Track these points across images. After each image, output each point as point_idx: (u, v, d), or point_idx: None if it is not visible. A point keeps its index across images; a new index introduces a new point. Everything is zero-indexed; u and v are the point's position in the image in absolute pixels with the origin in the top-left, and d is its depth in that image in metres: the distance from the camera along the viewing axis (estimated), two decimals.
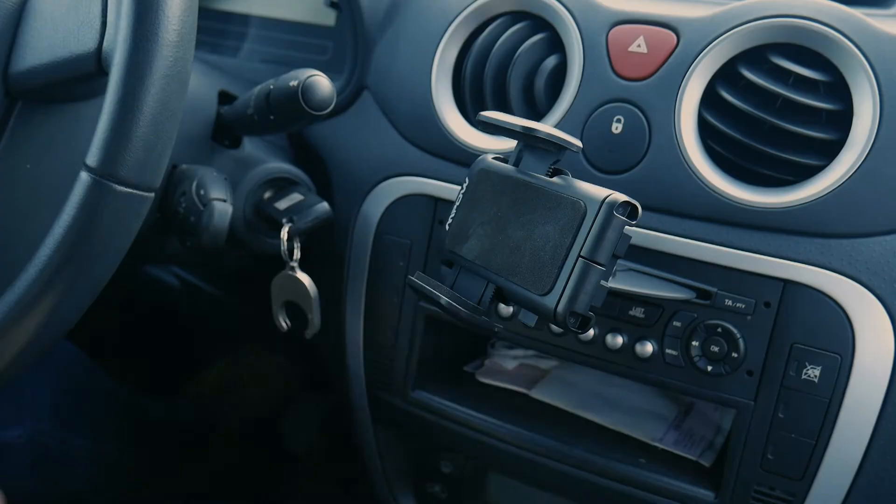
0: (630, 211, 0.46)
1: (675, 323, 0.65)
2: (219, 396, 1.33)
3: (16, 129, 0.59)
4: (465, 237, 0.53)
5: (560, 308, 0.46)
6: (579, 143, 0.50)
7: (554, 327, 0.69)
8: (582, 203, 0.46)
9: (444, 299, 0.50)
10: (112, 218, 0.50)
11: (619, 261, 0.51)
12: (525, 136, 0.50)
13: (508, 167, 0.52)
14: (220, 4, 0.95)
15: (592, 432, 0.74)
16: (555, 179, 0.49)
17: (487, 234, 0.51)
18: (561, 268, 0.46)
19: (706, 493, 0.67)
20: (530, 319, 0.49)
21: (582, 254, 0.46)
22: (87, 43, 0.54)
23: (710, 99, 0.64)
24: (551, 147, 0.50)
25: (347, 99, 0.81)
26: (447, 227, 0.54)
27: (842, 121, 0.60)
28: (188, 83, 0.52)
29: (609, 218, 0.46)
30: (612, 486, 0.70)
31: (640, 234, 0.65)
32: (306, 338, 0.77)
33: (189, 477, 1.18)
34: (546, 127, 0.50)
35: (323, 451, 1.34)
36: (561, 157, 0.50)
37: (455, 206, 0.54)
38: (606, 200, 0.46)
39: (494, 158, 0.54)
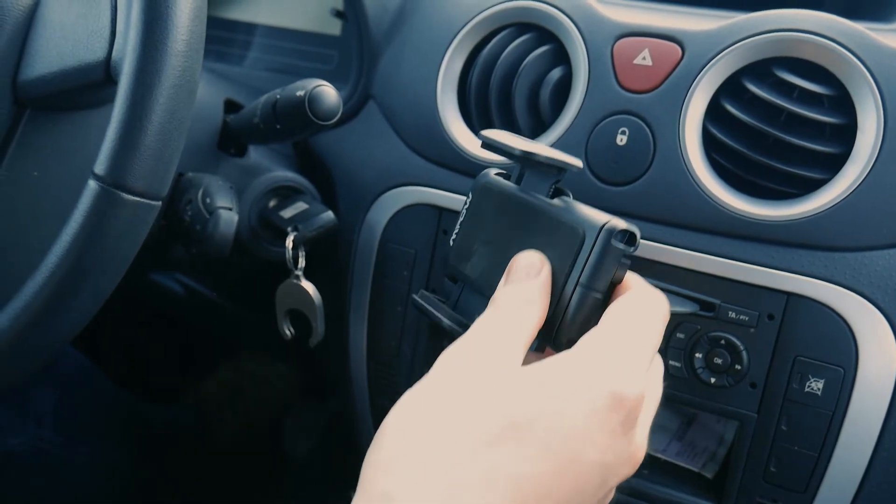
0: (628, 238, 0.46)
1: (678, 335, 0.65)
2: (221, 403, 1.33)
3: (24, 137, 0.59)
4: (468, 255, 0.53)
5: (559, 335, 0.47)
6: (580, 164, 0.50)
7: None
8: (580, 229, 0.46)
9: (445, 322, 0.51)
10: (119, 226, 0.50)
11: None
12: (524, 160, 0.50)
13: (510, 185, 0.52)
14: (227, 13, 0.96)
15: None
16: (555, 201, 0.49)
17: (489, 253, 0.51)
18: (560, 294, 0.46)
19: None
20: (532, 344, 0.50)
21: (580, 282, 0.46)
22: (96, 52, 0.54)
23: (714, 112, 0.64)
24: (552, 169, 0.50)
25: (353, 108, 0.82)
26: (451, 243, 0.54)
27: (846, 134, 0.61)
28: (196, 92, 0.52)
29: (607, 246, 0.45)
30: (615, 497, 0.70)
31: (643, 246, 0.65)
32: (310, 346, 0.77)
33: (191, 483, 1.18)
34: (545, 149, 0.50)
35: (324, 458, 1.34)
36: (562, 177, 0.50)
37: (458, 222, 0.54)
38: (604, 228, 0.45)
39: (497, 174, 0.54)
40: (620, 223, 0.46)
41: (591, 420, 0.40)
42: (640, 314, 0.44)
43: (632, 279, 0.47)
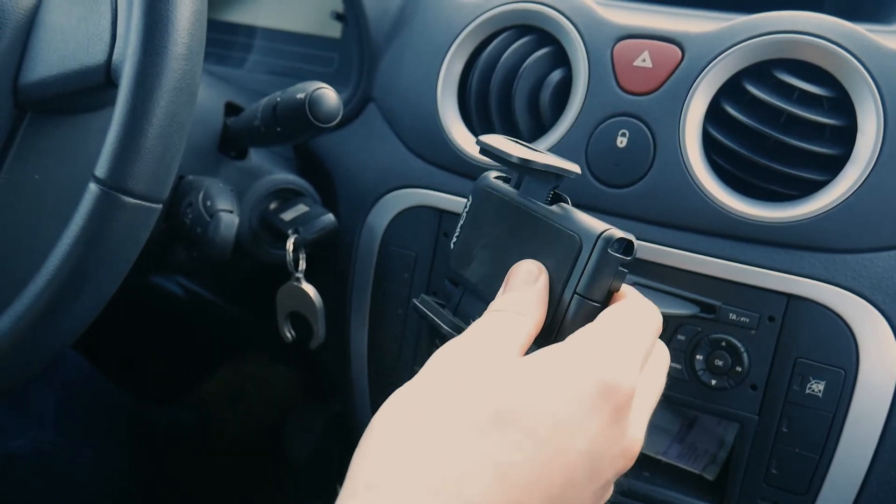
0: (625, 247, 0.46)
1: (679, 336, 0.65)
2: (222, 405, 1.33)
3: (25, 141, 0.59)
4: (468, 259, 0.53)
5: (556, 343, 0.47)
6: (577, 170, 0.50)
7: None
8: (577, 238, 0.46)
9: (444, 328, 0.51)
10: (120, 229, 0.50)
11: None
12: (521, 168, 0.50)
13: (509, 190, 0.52)
14: (227, 16, 0.96)
15: None
16: (553, 208, 0.49)
17: (489, 258, 0.51)
18: (558, 303, 0.46)
19: None
20: (531, 350, 0.50)
21: (577, 291, 0.46)
22: (96, 55, 0.54)
23: (714, 114, 0.64)
24: (550, 175, 0.50)
25: (353, 111, 0.82)
26: (452, 246, 0.54)
27: (845, 136, 0.61)
28: (196, 95, 0.52)
29: (604, 255, 0.45)
30: (616, 500, 0.70)
31: (644, 248, 0.65)
32: (311, 348, 0.78)
33: (192, 484, 1.18)
34: (543, 156, 0.50)
35: (325, 459, 1.34)
36: (560, 183, 0.50)
37: (459, 225, 0.54)
38: (602, 237, 0.45)
39: (497, 177, 0.54)
40: (617, 232, 0.46)
41: (580, 409, 0.39)
42: (633, 318, 0.45)
43: (628, 290, 0.47)
